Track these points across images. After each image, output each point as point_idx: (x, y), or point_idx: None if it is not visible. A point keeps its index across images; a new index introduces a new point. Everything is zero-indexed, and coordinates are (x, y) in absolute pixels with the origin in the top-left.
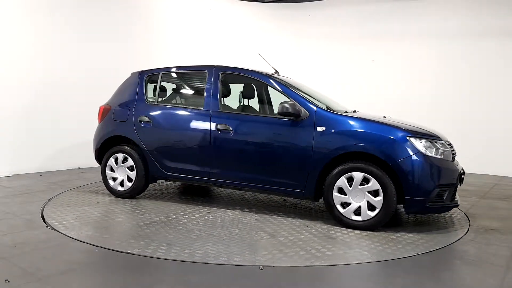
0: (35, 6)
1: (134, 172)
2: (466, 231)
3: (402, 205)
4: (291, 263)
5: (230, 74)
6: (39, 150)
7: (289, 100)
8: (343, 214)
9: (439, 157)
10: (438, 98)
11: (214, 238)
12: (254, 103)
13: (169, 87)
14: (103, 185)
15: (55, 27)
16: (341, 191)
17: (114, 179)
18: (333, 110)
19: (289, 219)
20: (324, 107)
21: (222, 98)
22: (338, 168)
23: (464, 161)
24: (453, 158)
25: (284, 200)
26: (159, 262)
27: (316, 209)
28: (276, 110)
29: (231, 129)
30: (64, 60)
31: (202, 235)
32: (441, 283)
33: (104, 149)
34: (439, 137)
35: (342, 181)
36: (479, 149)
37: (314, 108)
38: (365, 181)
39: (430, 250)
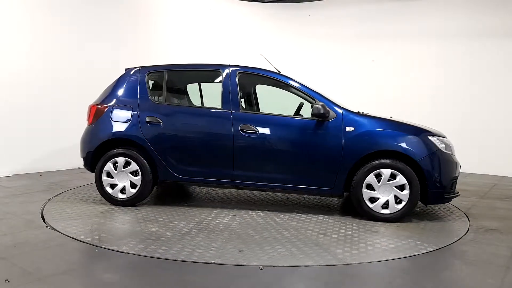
0: (35, 6)
1: (139, 177)
2: (466, 231)
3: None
4: (378, 258)
5: (247, 74)
6: (39, 150)
7: (317, 101)
8: (372, 208)
9: (450, 152)
10: (438, 98)
11: (272, 240)
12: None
13: (175, 85)
14: None
15: (55, 27)
16: (369, 187)
17: (112, 186)
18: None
19: (318, 216)
20: (349, 109)
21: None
22: (368, 166)
23: (464, 161)
24: None
25: (287, 198)
26: (158, 262)
27: (327, 204)
28: (262, 109)
29: (256, 130)
30: (64, 60)
31: (257, 239)
32: (441, 283)
33: (98, 153)
34: (445, 136)
35: (371, 178)
36: (479, 149)
37: (341, 110)
38: (391, 176)
39: (430, 250)
